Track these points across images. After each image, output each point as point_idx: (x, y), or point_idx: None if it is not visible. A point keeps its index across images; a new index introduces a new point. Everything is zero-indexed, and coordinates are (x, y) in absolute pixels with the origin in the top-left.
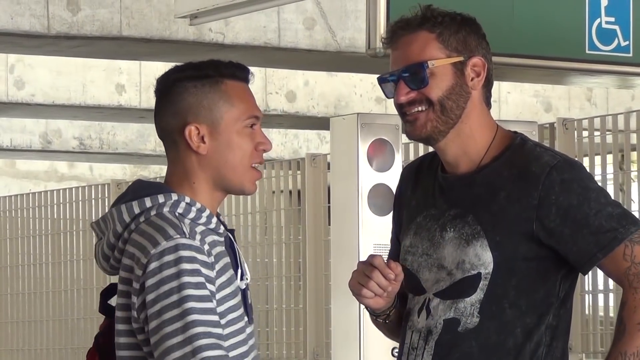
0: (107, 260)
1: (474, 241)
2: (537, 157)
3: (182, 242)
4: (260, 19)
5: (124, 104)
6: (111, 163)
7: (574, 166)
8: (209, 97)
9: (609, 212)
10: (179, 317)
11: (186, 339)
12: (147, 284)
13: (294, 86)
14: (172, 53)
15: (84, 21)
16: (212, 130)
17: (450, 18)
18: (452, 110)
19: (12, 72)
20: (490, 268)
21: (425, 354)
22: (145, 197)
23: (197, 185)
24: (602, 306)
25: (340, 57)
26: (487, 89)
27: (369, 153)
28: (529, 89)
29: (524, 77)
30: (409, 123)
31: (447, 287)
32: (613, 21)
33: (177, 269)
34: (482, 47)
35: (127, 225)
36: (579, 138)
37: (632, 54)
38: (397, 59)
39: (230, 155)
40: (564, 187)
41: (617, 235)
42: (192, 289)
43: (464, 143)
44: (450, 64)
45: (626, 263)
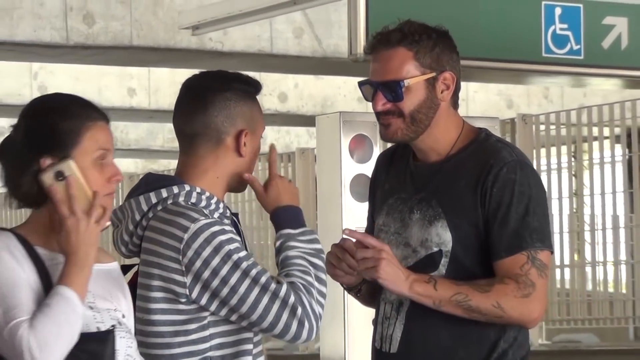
0: (126, 246)
1: (435, 222)
2: (497, 151)
3: (208, 222)
4: (254, 29)
5: (135, 105)
6: (124, 158)
7: (524, 169)
8: (254, 109)
9: (528, 222)
10: (244, 276)
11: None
12: (194, 267)
13: (285, 88)
14: (177, 60)
15: (98, 33)
16: (252, 137)
17: (427, 36)
18: (421, 121)
19: (36, 79)
20: (449, 246)
21: (397, 323)
22: (160, 188)
23: (220, 179)
24: (559, 279)
25: (326, 62)
26: (455, 94)
27: (350, 147)
28: (493, 88)
29: (488, 77)
30: (383, 127)
31: (413, 264)
32: (566, 27)
33: (216, 242)
34: (453, 60)
35: (145, 213)
36: (537, 131)
37: (583, 56)
38: (377, 70)
39: (254, 158)
40: (505, 185)
41: (523, 244)
42: (235, 253)
43: (433, 141)
44: (424, 80)
45: (520, 272)
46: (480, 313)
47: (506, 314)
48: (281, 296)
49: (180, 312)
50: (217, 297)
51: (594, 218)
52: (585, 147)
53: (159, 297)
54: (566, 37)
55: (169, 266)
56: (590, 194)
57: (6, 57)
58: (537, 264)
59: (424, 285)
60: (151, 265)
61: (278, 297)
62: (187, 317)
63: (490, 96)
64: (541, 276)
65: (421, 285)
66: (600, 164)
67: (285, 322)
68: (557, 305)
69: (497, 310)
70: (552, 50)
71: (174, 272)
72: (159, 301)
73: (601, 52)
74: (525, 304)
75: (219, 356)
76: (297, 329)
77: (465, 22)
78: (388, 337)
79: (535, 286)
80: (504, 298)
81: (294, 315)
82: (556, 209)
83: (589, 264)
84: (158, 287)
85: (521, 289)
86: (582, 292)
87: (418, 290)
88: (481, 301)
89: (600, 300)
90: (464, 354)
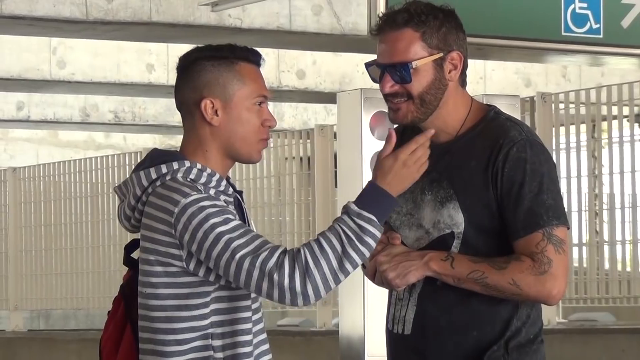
0: (129, 220)
1: (447, 203)
2: (506, 131)
3: (200, 197)
4: (273, 5)
5: (154, 81)
6: (142, 133)
7: (533, 147)
8: (224, 75)
9: (543, 199)
10: (224, 250)
11: (238, 261)
12: (185, 239)
13: (304, 65)
14: (196, 36)
15: (118, 8)
16: (224, 105)
17: (433, 16)
18: (430, 102)
19: (55, 54)
20: (461, 228)
21: (409, 304)
22: (162, 164)
23: (209, 153)
24: (577, 258)
25: (345, 39)
26: (463, 73)
27: (371, 123)
28: (511, 66)
29: (506, 56)
30: (392, 110)
31: (427, 245)
32: (585, 7)
33: (203, 214)
34: (460, 39)
35: (145, 189)
36: (556, 110)
37: (603, 35)
38: (384, 52)
39: (240, 128)
40: (517, 164)
41: (540, 222)
42: (222, 226)
43: (442, 121)
44: (432, 61)
45: (536, 250)
46: (497, 290)
47: (523, 291)
48: (258, 265)
49: (183, 286)
50: (209, 269)
51: (613, 197)
52: (604, 126)
53: (160, 271)
54: (586, 16)
55: (164, 240)
56: (609, 173)
57: (26, 32)
58: (553, 241)
59: (441, 263)
60: (148, 240)
61: (255, 267)
62: (189, 290)
63: (508, 74)
64: (558, 252)
65: (437, 264)
66: (619, 142)
67: (266, 291)
68: (575, 284)
69: (514, 288)
70: (572, 29)
71: (170, 246)
72: (160, 275)
73: (620, 32)
74: (542, 281)
75: (219, 333)
76: (279, 295)
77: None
78: (401, 318)
79: (552, 263)
80: (519, 275)
81: (271, 283)
82: (574, 188)
83: (606, 243)
84: (156, 262)
85: (537, 266)
86: (599, 271)
87: (435, 269)
88: (497, 278)
89: (618, 279)
90: (478, 333)
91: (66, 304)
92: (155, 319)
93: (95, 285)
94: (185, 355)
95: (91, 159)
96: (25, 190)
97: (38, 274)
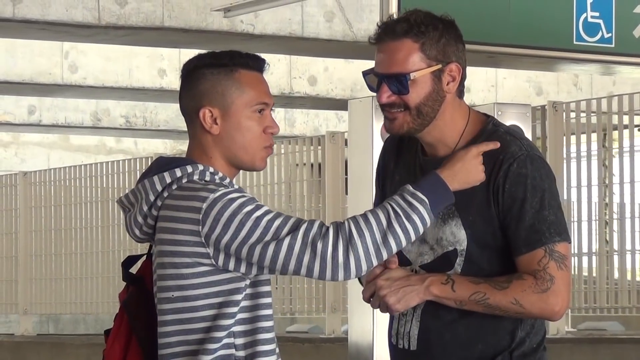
0: (140, 228)
1: (449, 220)
2: (506, 146)
3: (226, 190)
4: (285, 12)
5: (165, 86)
6: (153, 138)
7: (534, 162)
8: (223, 83)
9: (544, 215)
10: (264, 233)
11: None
12: (215, 234)
13: (315, 71)
14: (208, 42)
15: (130, 13)
16: (223, 113)
17: (433, 27)
18: (427, 114)
19: (67, 58)
20: (464, 245)
21: (413, 320)
22: (174, 168)
23: (214, 159)
24: (586, 267)
25: (356, 46)
26: (461, 84)
27: (382, 131)
28: (522, 75)
29: (518, 64)
30: (389, 120)
31: (431, 261)
32: (597, 16)
33: (236, 204)
34: (459, 50)
35: (159, 193)
36: (567, 119)
37: (614, 44)
38: (383, 62)
39: (240, 136)
40: (518, 180)
41: (542, 239)
42: (258, 211)
43: (439, 132)
44: (430, 72)
45: (538, 267)
46: (500, 310)
47: (526, 310)
48: (300, 237)
49: (214, 284)
50: (242, 259)
51: (623, 206)
52: (615, 135)
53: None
54: (597, 25)
55: (190, 240)
56: (619, 183)
57: (38, 36)
58: (555, 257)
59: (441, 287)
60: (169, 243)
61: (297, 240)
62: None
63: (520, 82)
64: (561, 268)
65: (438, 288)
66: (630, 152)
67: (307, 264)
68: (584, 293)
69: (516, 307)
70: (584, 38)
71: (196, 245)
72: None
73: (632, 41)
74: (544, 299)
75: (241, 331)
76: (319, 268)
77: (497, 8)
78: (405, 334)
79: (554, 280)
80: (521, 294)
81: (314, 253)
82: (585, 197)
83: (616, 253)
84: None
85: (539, 284)
86: (609, 280)
87: (436, 293)
88: (499, 299)
89: (627, 288)
90: (483, 346)
91: (75, 308)
92: (185, 321)
93: (105, 290)
94: (215, 353)
95: (102, 164)
96: (36, 195)
97: (48, 279)
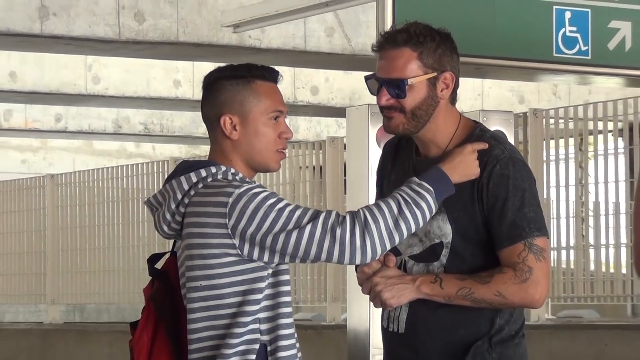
0: (168, 225)
1: (436, 215)
2: (490, 149)
3: (250, 186)
4: (289, 27)
5: (180, 96)
6: (169, 144)
7: (516, 164)
8: (242, 93)
9: (525, 213)
10: (286, 223)
11: (300, 229)
12: (240, 225)
13: (317, 82)
14: (219, 55)
15: (148, 29)
16: (242, 120)
17: (430, 38)
18: (421, 117)
19: (90, 70)
20: (449, 238)
21: (403, 306)
22: (199, 169)
23: (234, 162)
24: (565, 260)
25: (355, 59)
26: (454, 91)
27: (377, 136)
28: (506, 84)
29: (502, 75)
30: (386, 119)
31: (420, 252)
32: (575, 30)
33: (260, 198)
34: (453, 60)
35: (186, 192)
36: (547, 125)
37: (590, 57)
38: (383, 67)
39: (257, 141)
40: (500, 181)
41: (522, 234)
42: (280, 204)
43: (432, 134)
44: (426, 79)
45: (517, 260)
46: (485, 302)
47: (509, 300)
48: (320, 224)
49: (240, 273)
50: (266, 248)
51: (598, 205)
52: (590, 140)
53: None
54: (575, 38)
55: (217, 233)
56: (594, 183)
57: (63, 50)
58: (534, 250)
59: (431, 286)
60: (197, 236)
61: (317, 227)
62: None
63: (504, 92)
64: (539, 260)
65: (428, 287)
66: (604, 155)
67: (327, 249)
68: (562, 284)
69: (500, 299)
70: (562, 50)
71: (222, 237)
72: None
73: (607, 53)
74: (524, 288)
75: (265, 317)
76: (339, 252)
77: (483, 24)
78: (395, 318)
79: (532, 271)
80: (503, 286)
81: (334, 238)
82: (563, 196)
83: (592, 247)
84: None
85: (518, 275)
86: (585, 272)
87: (426, 292)
88: (483, 292)
89: (602, 279)
90: (465, 331)
91: (99, 298)
92: (213, 308)
93: (126, 282)
94: (241, 337)
95: (123, 167)
96: (62, 195)
97: (73, 271)
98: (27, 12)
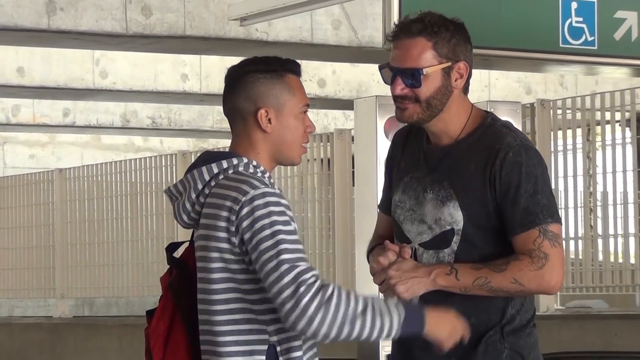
0: (188, 215)
1: (447, 202)
2: (502, 137)
3: (267, 191)
4: (296, 20)
5: (188, 90)
6: (177, 137)
7: (528, 152)
8: (277, 87)
9: (538, 199)
10: (272, 247)
11: (279, 262)
12: (242, 226)
13: (324, 75)
14: (226, 49)
15: (155, 23)
16: (277, 114)
17: (445, 28)
18: (436, 107)
19: (98, 65)
20: (461, 225)
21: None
22: (221, 160)
23: (260, 155)
24: (573, 250)
25: (361, 51)
26: (467, 81)
27: (385, 127)
28: (513, 75)
29: (509, 66)
30: (400, 110)
31: (430, 240)
32: (581, 20)
33: (267, 210)
34: (467, 50)
35: (207, 182)
36: (554, 115)
37: (597, 47)
38: (398, 57)
39: (289, 134)
40: (512, 168)
41: (536, 220)
42: (280, 225)
43: (444, 124)
44: (440, 69)
45: (533, 246)
46: (502, 291)
47: (525, 287)
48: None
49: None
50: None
51: (606, 195)
52: (598, 130)
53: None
54: (581, 29)
55: (224, 227)
56: (602, 173)
57: (71, 45)
58: (549, 236)
59: (447, 278)
60: (209, 228)
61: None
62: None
63: (510, 83)
64: (554, 246)
65: (444, 279)
66: (612, 145)
67: (283, 299)
68: (571, 274)
69: (516, 286)
70: (569, 41)
71: (229, 232)
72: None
73: (613, 43)
74: (540, 275)
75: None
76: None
77: (489, 14)
78: None
79: (548, 257)
80: (519, 273)
81: (294, 293)
82: (571, 186)
83: (600, 237)
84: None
85: (534, 262)
86: (593, 262)
87: (442, 284)
88: (500, 281)
89: (610, 269)
90: (476, 320)
91: (108, 292)
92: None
93: (135, 276)
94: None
95: (131, 161)
96: (71, 189)
97: (82, 265)
98: (34, 7)
